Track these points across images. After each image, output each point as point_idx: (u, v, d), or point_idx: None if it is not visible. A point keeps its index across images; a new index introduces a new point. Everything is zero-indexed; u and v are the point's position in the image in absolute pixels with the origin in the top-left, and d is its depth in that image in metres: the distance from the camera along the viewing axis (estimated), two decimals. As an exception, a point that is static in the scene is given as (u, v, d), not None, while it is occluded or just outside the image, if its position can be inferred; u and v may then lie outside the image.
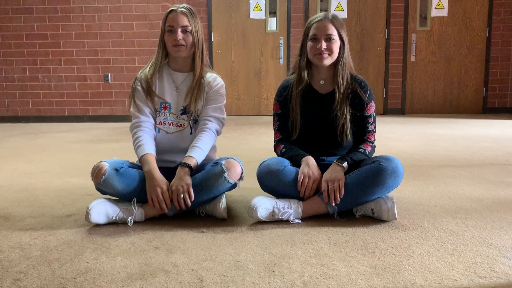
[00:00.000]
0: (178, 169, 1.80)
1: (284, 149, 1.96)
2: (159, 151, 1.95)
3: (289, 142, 1.99)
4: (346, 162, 1.83)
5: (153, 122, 1.95)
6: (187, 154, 1.84)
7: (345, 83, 1.92)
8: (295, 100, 1.94)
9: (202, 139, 1.89)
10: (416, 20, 6.59)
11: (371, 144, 1.94)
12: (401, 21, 6.59)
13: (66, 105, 6.10)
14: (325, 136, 1.96)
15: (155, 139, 1.94)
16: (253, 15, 6.65)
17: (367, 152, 1.92)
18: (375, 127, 1.97)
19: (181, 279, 1.31)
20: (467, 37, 6.59)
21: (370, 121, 1.94)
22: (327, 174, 1.81)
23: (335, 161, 1.85)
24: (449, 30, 6.58)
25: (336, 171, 1.80)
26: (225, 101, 2.02)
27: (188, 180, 1.78)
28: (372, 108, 1.95)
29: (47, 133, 4.98)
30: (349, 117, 1.91)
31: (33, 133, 5.02)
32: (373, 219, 1.81)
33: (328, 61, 1.89)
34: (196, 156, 1.84)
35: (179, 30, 1.87)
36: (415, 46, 6.60)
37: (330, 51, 1.87)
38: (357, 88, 1.92)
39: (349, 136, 1.92)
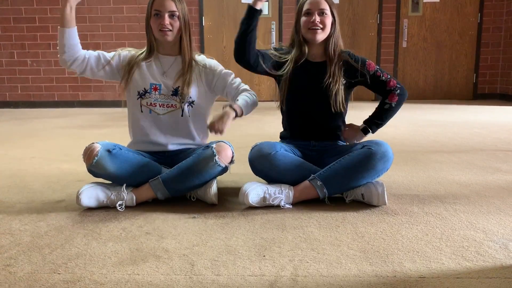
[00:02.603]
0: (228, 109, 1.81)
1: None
2: (151, 133, 1.94)
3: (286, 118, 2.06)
4: (370, 132, 2.02)
5: (87, 57, 1.92)
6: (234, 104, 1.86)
7: (336, 57, 1.96)
8: (289, 70, 1.95)
9: (247, 96, 1.93)
10: (408, 5, 6.58)
11: (395, 91, 1.98)
12: (393, 6, 6.57)
13: (55, 90, 6.04)
14: (317, 105, 1.97)
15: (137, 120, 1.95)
16: (244, -1, 6.58)
17: (394, 105, 1.98)
18: (388, 75, 1.99)
19: (172, 264, 1.32)
20: (459, 23, 6.59)
21: (379, 74, 1.97)
22: (349, 135, 2.05)
23: (363, 124, 2.04)
24: (441, 16, 6.58)
25: (358, 137, 2.04)
26: (231, 72, 2.04)
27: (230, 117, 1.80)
28: (371, 65, 1.98)
29: (37, 119, 4.93)
30: (342, 87, 1.94)
31: (22, 118, 4.96)
32: (363, 204, 1.83)
33: (321, 36, 1.92)
34: (241, 105, 1.86)
35: (167, 15, 1.85)
36: (407, 31, 6.60)
37: (323, 24, 1.90)
38: (347, 58, 1.97)
39: (341, 107, 1.95)
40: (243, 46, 1.85)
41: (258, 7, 1.81)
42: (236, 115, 1.82)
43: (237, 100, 1.88)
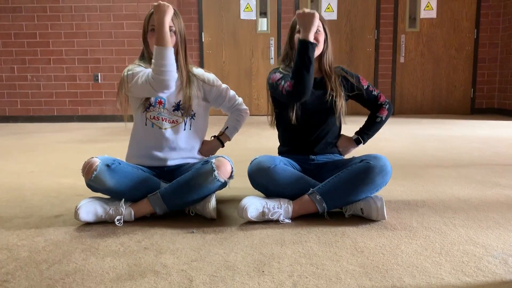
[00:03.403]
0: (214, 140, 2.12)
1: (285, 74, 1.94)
2: (150, 147, 1.95)
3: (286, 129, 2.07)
4: (361, 143, 2.08)
5: None
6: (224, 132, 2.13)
7: (333, 73, 2.02)
8: None
9: (236, 119, 2.15)
10: (406, 21, 6.65)
11: (385, 106, 2.08)
12: (391, 22, 6.64)
13: (55, 105, 6.05)
14: (319, 120, 1.99)
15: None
16: (243, 15, 6.66)
17: (384, 118, 2.07)
18: (378, 90, 2.11)
19: (170, 280, 1.31)
20: (456, 38, 6.66)
21: (371, 89, 2.07)
22: (342, 145, 2.09)
23: (355, 134, 2.08)
24: (438, 32, 6.65)
25: (350, 147, 2.09)
26: (227, 86, 2.10)
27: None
28: (364, 80, 2.08)
29: (36, 133, 4.93)
30: (344, 101, 2.00)
31: (22, 133, 4.97)
32: (362, 219, 1.82)
33: (315, 52, 1.93)
34: (228, 133, 2.14)
35: None
36: (404, 47, 6.66)
37: (317, 41, 1.93)
38: (342, 73, 2.05)
39: (343, 120, 2.05)
40: (308, 83, 1.81)
41: (311, 39, 1.82)
42: (223, 145, 2.14)
43: (227, 127, 2.13)
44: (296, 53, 1.83)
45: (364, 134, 2.08)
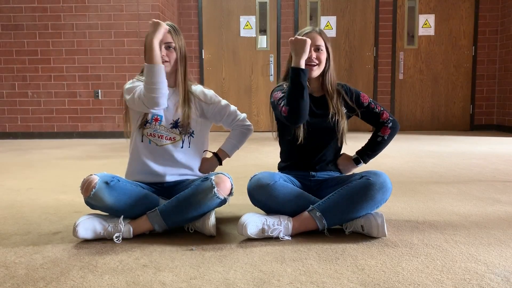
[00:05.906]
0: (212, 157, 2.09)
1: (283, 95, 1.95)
2: (149, 163, 1.94)
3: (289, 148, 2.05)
4: (361, 163, 2.05)
5: None
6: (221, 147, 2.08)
7: (335, 92, 2.01)
8: None
9: (237, 136, 2.10)
10: (404, 38, 6.72)
11: (388, 124, 2.01)
12: (389, 39, 6.70)
13: (55, 121, 6.07)
14: (320, 138, 1.99)
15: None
16: (243, 33, 6.73)
17: (386, 137, 2.02)
18: (381, 107, 2.05)
19: (169, 298, 1.29)
20: (454, 55, 6.72)
21: (373, 106, 2.03)
22: (342, 165, 2.06)
23: (356, 154, 2.05)
24: (436, 49, 6.71)
25: (350, 166, 2.06)
26: (227, 103, 2.07)
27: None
28: (365, 97, 2.05)
29: (35, 150, 4.93)
30: (346, 123, 1.99)
31: (21, 149, 4.97)
32: (362, 236, 1.81)
33: (316, 72, 1.96)
34: (227, 150, 2.09)
35: (163, 46, 1.89)
36: (403, 64, 6.71)
37: (319, 60, 1.94)
38: (342, 93, 2.03)
39: (344, 139, 2.02)
40: (303, 109, 1.83)
41: (303, 65, 1.83)
42: (220, 163, 2.09)
43: (225, 144, 2.09)
44: (289, 80, 1.86)
45: (365, 154, 2.06)
